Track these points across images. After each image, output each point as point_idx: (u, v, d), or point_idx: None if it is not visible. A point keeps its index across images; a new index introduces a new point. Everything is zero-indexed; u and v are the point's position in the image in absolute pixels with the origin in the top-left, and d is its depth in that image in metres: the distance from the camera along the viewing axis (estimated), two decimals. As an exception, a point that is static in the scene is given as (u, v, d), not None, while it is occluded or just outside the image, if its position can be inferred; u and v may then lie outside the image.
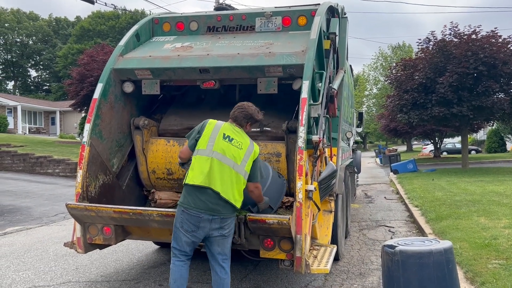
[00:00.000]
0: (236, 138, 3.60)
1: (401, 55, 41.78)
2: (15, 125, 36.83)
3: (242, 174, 3.52)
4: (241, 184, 3.52)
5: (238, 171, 3.50)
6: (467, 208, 8.25)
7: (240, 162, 3.50)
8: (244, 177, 3.53)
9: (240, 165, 3.50)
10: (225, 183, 3.44)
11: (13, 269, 5.51)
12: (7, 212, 10.13)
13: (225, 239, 3.52)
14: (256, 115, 3.71)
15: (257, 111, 3.73)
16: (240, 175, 3.51)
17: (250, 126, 3.75)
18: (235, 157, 3.50)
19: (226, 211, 3.47)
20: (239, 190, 3.51)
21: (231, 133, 3.61)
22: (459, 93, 17.00)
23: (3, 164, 18.95)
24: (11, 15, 56.04)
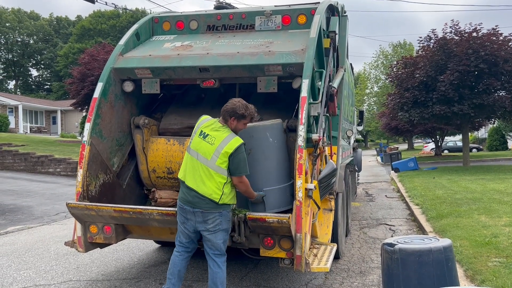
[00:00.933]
0: (211, 133, 3.68)
1: (402, 53, 41.71)
2: (16, 125, 36.88)
3: (213, 169, 3.59)
4: (218, 179, 3.58)
5: (209, 166, 3.60)
6: (468, 206, 8.25)
7: (210, 157, 3.60)
8: (217, 172, 3.59)
9: (210, 161, 3.59)
10: (197, 179, 3.62)
11: (14, 268, 5.53)
12: (9, 211, 10.16)
13: (211, 234, 3.63)
14: (240, 109, 3.68)
15: (242, 106, 3.70)
16: (211, 170, 3.59)
17: (237, 122, 3.72)
18: (205, 152, 3.62)
19: (205, 205, 3.59)
20: (218, 185, 3.58)
21: (209, 129, 3.73)
22: (460, 91, 16.97)
23: (4, 163, 18.98)
24: (12, 14, 56.08)
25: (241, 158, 3.60)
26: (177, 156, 4.87)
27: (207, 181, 3.60)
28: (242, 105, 3.70)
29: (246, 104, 3.74)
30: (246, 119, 3.76)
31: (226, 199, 3.63)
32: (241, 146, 3.61)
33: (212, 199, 3.58)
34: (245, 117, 3.73)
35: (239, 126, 3.77)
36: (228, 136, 3.64)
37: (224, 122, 3.74)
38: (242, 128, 3.81)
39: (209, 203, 3.59)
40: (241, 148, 3.61)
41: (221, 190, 3.59)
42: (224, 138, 3.63)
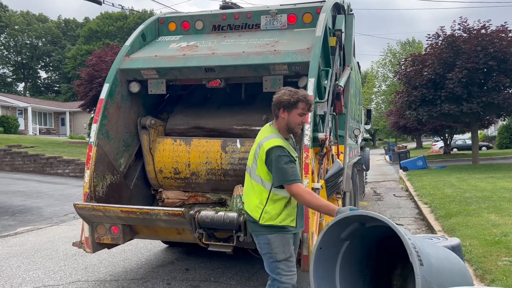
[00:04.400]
0: (257, 137, 3.12)
1: (410, 51, 41.44)
2: (25, 126, 37.25)
3: (253, 179, 3.03)
4: (258, 192, 2.99)
5: (250, 175, 3.07)
6: (477, 205, 8.16)
7: (251, 165, 3.07)
8: (257, 182, 3.00)
9: (251, 168, 3.06)
10: (245, 193, 3.14)
11: (23, 269, 5.57)
12: (18, 212, 10.25)
13: (263, 256, 3.08)
14: (285, 96, 2.96)
15: (287, 93, 2.98)
16: (253, 181, 3.04)
17: (288, 113, 2.98)
18: (249, 160, 3.11)
19: (250, 225, 3.12)
20: (260, 199, 2.99)
21: (259, 133, 3.17)
22: (468, 89, 16.81)
23: (14, 164, 19.16)
24: (20, 17, 56.64)
25: (275, 164, 2.88)
26: (183, 157, 4.87)
27: (252, 194, 3.04)
28: (288, 91, 2.99)
29: (294, 90, 3.01)
30: (299, 108, 2.97)
31: (269, 219, 2.95)
32: (273, 150, 2.90)
33: (253, 216, 3.02)
34: (295, 105, 2.96)
35: (293, 119, 3.00)
36: (264, 138, 3.01)
37: (275, 121, 3.09)
38: (298, 121, 3.02)
39: (251, 221, 3.07)
40: (274, 152, 2.89)
41: (263, 206, 2.97)
42: (260, 140, 3.03)
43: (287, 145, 2.98)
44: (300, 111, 2.98)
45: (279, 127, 3.05)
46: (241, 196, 4.58)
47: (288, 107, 2.97)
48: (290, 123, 3.00)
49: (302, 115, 3.00)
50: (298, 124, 3.02)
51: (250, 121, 5.03)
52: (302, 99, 2.96)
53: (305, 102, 2.98)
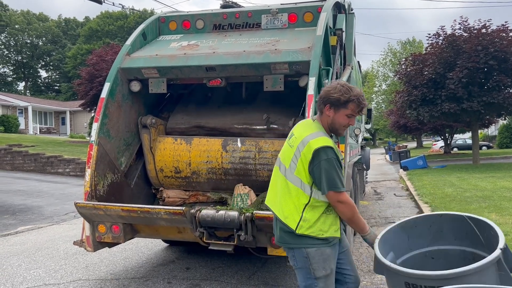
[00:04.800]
0: (296, 132, 2.70)
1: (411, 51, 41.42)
2: (26, 126, 37.27)
3: (291, 181, 2.60)
4: (296, 197, 2.58)
5: (287, 176, 2.63)
6: (478, 204, 8.17)
7: (289, 164, 2.62)
8: (295, 185, 2.59)
9: (288, 169, 2.62)
10: (276, 196, 2.71)
11: (24, 268, 5.58)
12: (19, 211, 10.26)
13: (296, 270, 2.71)
14: (335, 92, 2.57)
15: (339, 88, 2.58)
16: (289, 183, 2.61)
17: (335, 111, 2.60)
18: (285, 158, 2.67)
19: (281, 235, 2.67)
20: (296, 206, 2.58)
21: (297, 127, 2.76)
22: (469, 88, 16.80)
23: (14, 164, 19.17)
24: (21, 16, 56.66)
25: (325, 167, 2.49)
26: (184, 156, 4.88)
27: (285, 198, 2.63)
28: (340, 87, 2.58)
29: (348, 86, 2.61)
30: (348, 108, 2.58)
31: (308, 228, 2.56)
32: (325, 150, 2.50)
33: (288, 225, 2.59)
34: (345, 104, 2.57)
35: (339, 119, 2.61)
36: (312, 134, 2.58)
37: (319, 116, 2.71)
38: (345, 122, 2.63)
39: (284, 230, 2.64)
40: (324, 153, 2.50)
41: (300, 213, 2.57)
42: (305, 137, 2.58)
43: (335, 146, 2.59)
44: (349, 112, 2.60)
45: (322, 124, 2.67)
46: (241, 195, 4.59)
47: (336, 105, 2.59)
48: (334, 123, 2.63)
49: (350, 116, 2.61)
50: (343, 125, 2.64)
51: (251, 120, 5.04)
52: (354, 100, 2.57)
53: (357, 104, 2.57)
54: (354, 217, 2.61)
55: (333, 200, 2.53)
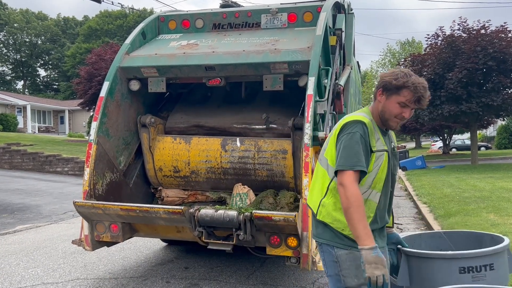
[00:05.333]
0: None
1: (410, 51, 41.47)
2: (24, 124, 37.23)
3: (321, 163, 2.38)
4: (323, 178, 2.33)
5: (319, 160, 2.41)
6: (476, 205, 8.18)
7: (323, 147, 2.41)
8: (323, 166, 2.34)
9: (321, 152, 2.42)
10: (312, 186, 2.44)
11: (22, 267, 5.57)
12: (17, 210, 10.24)
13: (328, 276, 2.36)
14: (387, 75, 2.27)
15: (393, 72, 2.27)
16: (318, 165, 2.40)
17: (386, 96, 2.26)
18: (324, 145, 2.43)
19: (313, 227, 2.41)
20: (321, 187, 2.33)
21: None
22: (468, 89, 16.83)
23: (13, 162, 19.15)
24: (20, 15, 56.57)
25: (342, 142, 2.21)
26: (183, 155, 4.87)
27: (313, 183, 2.42)
28: (398, 71, 2.27)
29: (408, 72, 2.26)
30: (400, 94, 2.22)
31: (326, 215, 2.27)
32: (350, 124, 2.23)
33: (313, 210, 2.35)
34: (398, 90, 2.22)
35: (390, 107, 2.25)
36: (352, 113, 2.42)
37: (373, 101, 2.43)
38: (396, 112, 2.25)
39: (316, 221, 2.35)
40: (351, 126, 2.21)
41: (322, 196, 2.30)
42: (344, 117, 2.36)
43: (372, 128, 2.25)
44: (402, 99, 2.21)
45: (373, 111, 2.35)
46: (240, 194, 4.59)
47: (388, 89, 2.25)
48: (385, 110, 2.27)
49: (403, 106, 2.23)
50: (394, 115, 2.26)
51: (250, 120, 5.03)
52: (409, 86, 2.19)
53: (412, 91, 2.19)
54: (350, 210, 2.09)
55: (338, 180, 2.17)
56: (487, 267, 2.35)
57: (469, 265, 2.34)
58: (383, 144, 2.28)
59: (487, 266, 2.35)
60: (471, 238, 2.90)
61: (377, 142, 2.25)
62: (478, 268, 2.34)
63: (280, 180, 4.64)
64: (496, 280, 2.33)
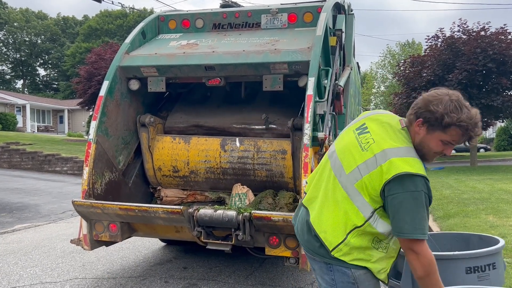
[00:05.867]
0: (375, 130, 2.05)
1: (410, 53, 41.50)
2: (24, 124, 37.22)
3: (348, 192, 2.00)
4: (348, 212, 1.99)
5: (343, 184, 2.03)
6: (475, 206, 8.18)
7: (351, 170, 2.00)
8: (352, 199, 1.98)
9: (348, 175, 2.00)
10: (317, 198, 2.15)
11: (20, 266, 5.56)
12: (16, 209, 10.23)
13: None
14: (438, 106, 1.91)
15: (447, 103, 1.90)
16: (343, 193, 2.01)
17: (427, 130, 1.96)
18: (349, 161, 2.03)
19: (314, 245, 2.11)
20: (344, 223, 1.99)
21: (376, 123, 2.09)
22: (468, 91, 16.86)
23: (12, 162, 19.12)
24: (19, 14, 56.56)
25: (408, 202, 1.86)
26: (182, 155, 4.87)
27: (329, 209, 2.04)
28: (449, 101, 1.89)
29: (460, 103, 1.90)
30: (447, 133, 1.91)
31: (347, 254, 1.99)
32: (414, 180, 1.87)
33: (323, 242, 2.03)
34: (446, 127, 1.90)
35: (431, 143, 1.96)
36: (399, 149, 1.94)
37: (408, 124, 2.05)
38: (437, 150, 1.98)
39: (321, 246, 2.06)
40: (412, 183, 1.87)
41: (345, 235, 1.98)
42: (389, 148, 1.93)
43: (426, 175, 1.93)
44: (447, 138, 1.93)
45: (411, 140, 2.02)
46: (239, 194, 4.58)
47: (432, 124, 1.92)
48: (423, 145, 1.97)
49: (446, 144, 1.95)
50: (434, 152, 1.99)
51: (250, 120, 5.03)
52: (462, 125, 1.87)
53: (463, 131, 1.88)
54: (428, 278, 1.90)
55: (405, 246, 1.92)
56: (490, 266, 2.37)
57: (475, 265, 2.35)
58: None
59: (491, 265, 2.38)
60: (458, 239, 2.91)
61: None
62: (483, 267, 2.36)
63: (279, 181, 4.64)
64: (497, 279, 2.36)
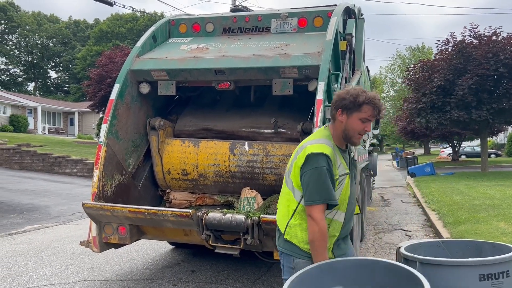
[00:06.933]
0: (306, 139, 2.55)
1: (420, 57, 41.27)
2: (35, 126, 37.57)
3: (287, 184, 2.49)
4: (288, 200, 2.45)
5: (286, 180, 2.53)
6: (486, 213, 8.08)
7: (289, 167, 2.50)
8: (289, 188, 2.45)
9: (287, 172, 2.51)
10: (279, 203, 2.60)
11: (30, 267, 5.60)
12: (26, 210, 10.32)
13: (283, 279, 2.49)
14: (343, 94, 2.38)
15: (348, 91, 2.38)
16: (285, 186, 2.52)
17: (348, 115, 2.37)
18: (289, 161, 2.56)
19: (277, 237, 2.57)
20: (288, 208, 2.45)
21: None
22: (478, 96, 16.70)
23: (23, 163, 19.32)
24: (31, 17, 57.27)
25: (309, 176, 2.30)
26: (191, 158, 4.88)
27: (281, 200, 2.56)
28: (353, 89, 2.39)
29: (361, 89, 2.42)
30: (362, 111, 2.34)
31: (293, 235, 2.40)
32: (314, 158, 2.30)
33: (279, 228, 2.50)
34: (359, 108, 2.34)
35: (353, 125, 2.37)
36: (313, 140, 2.43)
37: (332, 123, 2.50)
38: (359, 128, 2.38)
39: (279, 233, 2.53)
40: (316, 160, 2.29)
41: (289, 218, 2.43)
42: (307, 141, 2.45)
43: (334, 156, 2.35)
44: (364, 115, 2.34)
45: (334, 132, 2.45)
46: (248, 198, 4.58)
47: (348, 109, 2.35)
48: (348, 129, 2.38)
49: (365, 121, 2.36)
50: (358, 132, 2.38)
51: (259, 124, 5.03)
52: (369, 102, 2.32)
53: (373, 106, 2.33)
54: (315, 243, 2.26)
55: (307, 213, 2.30)
56: (504, 274, 2.33)
57: (489, 272, 2.31)
58: (345, 168, 2.42)
59: (504, 273, 2.33)
60: (470, 247, 2.86)
61: (339, 169, 2.37)
62: (497, 275, 2.32)
63: (288, 185, 4.62)
64: (510, 287, 2.33)
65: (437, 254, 2.86)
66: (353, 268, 2.24)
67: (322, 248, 2.28)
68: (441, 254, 2.86)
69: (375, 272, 2.20)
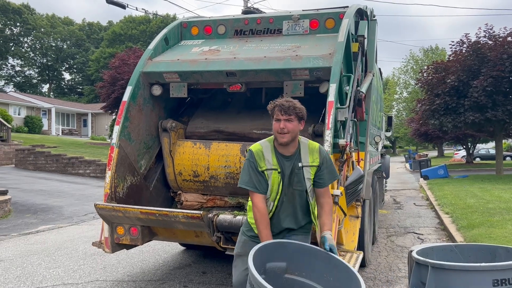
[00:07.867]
0: None
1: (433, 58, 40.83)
2: (49, 127, 38.12)
3: None
4: None
5: None
6: (501, 216, 7.95)
7: None
8: None
9: None
10: None
11: (44, 266, 5.67)
12: (40, 210, 10.46)
13: None
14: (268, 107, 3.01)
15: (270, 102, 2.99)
16: None
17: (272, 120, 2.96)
18: None
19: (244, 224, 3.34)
20: None
21: None
22: (493, 97, 16.45)
23: (37, 164, 19.59)
24: (46, 20, 58.10)
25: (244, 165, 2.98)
26: (203, 160, 4.90)
27: None
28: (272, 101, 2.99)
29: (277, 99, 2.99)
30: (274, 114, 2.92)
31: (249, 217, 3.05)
32: (248, 153, 2.97)
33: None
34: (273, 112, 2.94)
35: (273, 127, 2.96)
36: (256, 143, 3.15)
37: None
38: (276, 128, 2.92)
39: None
40: (246, 154, 2.99)
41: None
42: None
43: (262, 152, 2.91)
44: (275, 116, 2.89)
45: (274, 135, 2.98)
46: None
47: (272, 116, 2.93)
48: (273, 131, 2.92)
49: (277, 121, 2.87)
50: (277, 131, 2.87)
51: (270, 126, 4.98)
52: (277, 105, 2.88)
53: (279, 107, 2.86)
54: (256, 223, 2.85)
55: None
56: None
57: (503, 277, 2.27)
58: (273, 164, 2.90)
59: None
60: (484, 251, 2.81)
61: (266, 163, 2.89)
62: (511, 280, 2.28)
63: (299, 187, 4.60)
64: None
65: (449, 258, 2.82)
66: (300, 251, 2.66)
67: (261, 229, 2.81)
68: (454, 258, 2.82)
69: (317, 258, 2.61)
